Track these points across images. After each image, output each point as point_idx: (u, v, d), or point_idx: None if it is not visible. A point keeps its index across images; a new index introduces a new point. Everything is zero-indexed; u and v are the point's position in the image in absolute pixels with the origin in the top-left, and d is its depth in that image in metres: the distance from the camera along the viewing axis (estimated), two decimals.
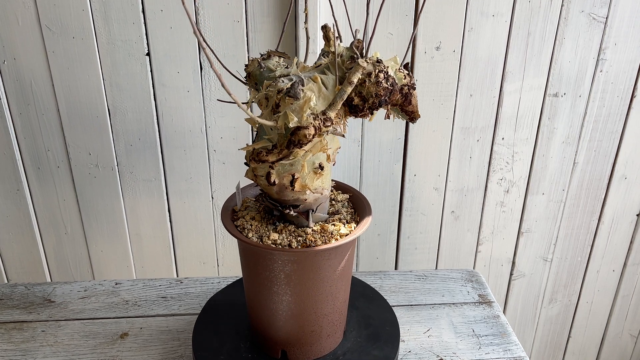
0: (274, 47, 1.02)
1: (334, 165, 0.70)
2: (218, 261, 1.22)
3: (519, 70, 1.09)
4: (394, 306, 0.88)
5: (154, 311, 0.88)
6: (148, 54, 1.01)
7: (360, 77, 0.57)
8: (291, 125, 0.56)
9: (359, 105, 0.59)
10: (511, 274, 1.32)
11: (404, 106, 0.62)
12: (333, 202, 0.74)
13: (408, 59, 1.05)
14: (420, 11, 0.62)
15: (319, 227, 0.67)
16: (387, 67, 0.59)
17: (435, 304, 0.91)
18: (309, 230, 0.67)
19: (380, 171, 1.15)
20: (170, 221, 1.17)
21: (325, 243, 0.65)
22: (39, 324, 0.85)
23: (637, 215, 1.28)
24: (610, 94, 1.14)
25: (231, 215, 0.71)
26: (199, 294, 0.92)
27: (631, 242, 1.32)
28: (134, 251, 1.20)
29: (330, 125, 0.56)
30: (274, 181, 0.62)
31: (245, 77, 0.66)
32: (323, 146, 0.61)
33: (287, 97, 0.56)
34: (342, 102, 0.57)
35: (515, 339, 0.83)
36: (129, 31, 0.99)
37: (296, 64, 0.64)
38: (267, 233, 0.67)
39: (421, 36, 1.04)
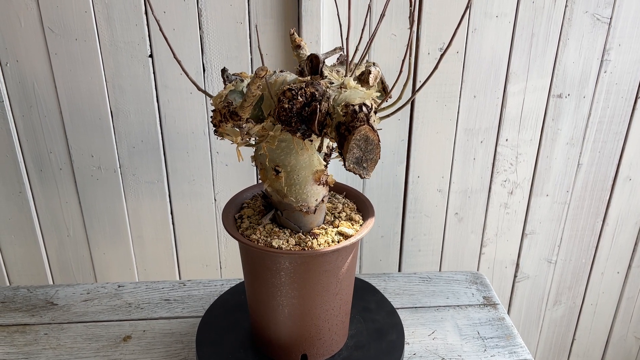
0: (278, 49, 1.01)
1: (322, 185, 0.67)
2: (221, 263, 1.22)
3: (523, 71, 1.08)
4: (398, 308, 0.88)
5: (157, 314, 0.88)
6: (151, 56, 1.01)
7: (257, 87, 0.54)
8: (210, 102, 0.61)
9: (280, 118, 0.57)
10: (515, 276, 1.31)
11: (340, 147, 0.54)
12: (326, 228, 0.69)
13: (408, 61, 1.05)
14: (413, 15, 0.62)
15: (274, 230, 0.67)
16: (315, 91, 0.55)
17: (439, 306, 0.90)
18: (260, 227, 0.68)
19: (383, 173, 1.15)
20: (173, 223, 1.17)
21: (265, 246, 0.64)
22: (42, 326, 0.85)
23: None
24: (614, 95, 1.13)
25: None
26: (202, 297, 0.92)
27: (636, 244, 1.31)
28: (137, 254, 1.19)
29: (237, 121, 0.58)
30: (254, 162, 0.65)
31: None
32: (238, 141, 0.61)
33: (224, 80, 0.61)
34: (250, 106, 0.56)
35: (521, 341, 0.83)
36: (132, 33, 0.98)
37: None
38: (245, 214, 0.71)
39: (424, 37, 1.03)
